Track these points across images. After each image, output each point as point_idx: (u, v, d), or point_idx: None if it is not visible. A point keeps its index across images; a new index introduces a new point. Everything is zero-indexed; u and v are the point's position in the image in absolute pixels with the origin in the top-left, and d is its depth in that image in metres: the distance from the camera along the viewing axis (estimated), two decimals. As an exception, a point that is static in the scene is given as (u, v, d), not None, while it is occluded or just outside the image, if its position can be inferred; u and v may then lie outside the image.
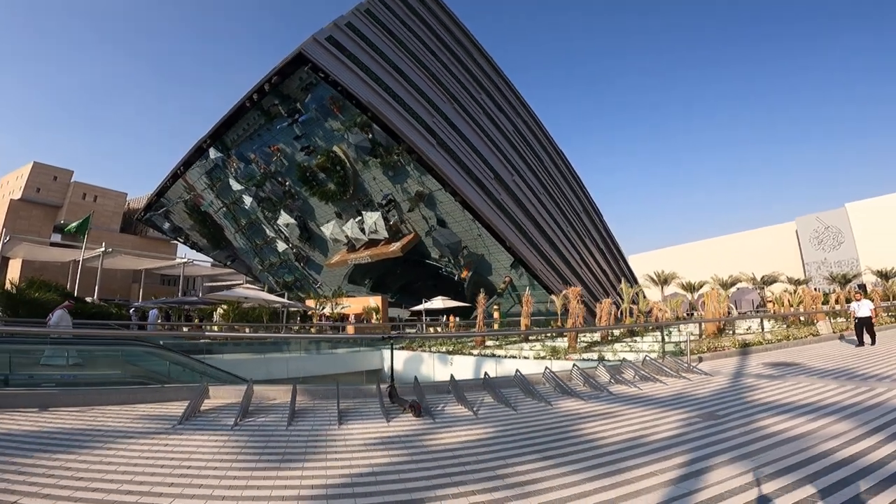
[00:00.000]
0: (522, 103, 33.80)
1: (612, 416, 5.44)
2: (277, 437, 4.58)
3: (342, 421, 5.25)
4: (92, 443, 4.19)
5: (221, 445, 4.26)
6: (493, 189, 26.30)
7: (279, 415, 5.58)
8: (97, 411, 5.52)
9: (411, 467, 3.67)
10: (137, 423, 5.04)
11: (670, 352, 10.88)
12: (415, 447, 4.25)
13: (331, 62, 22.42)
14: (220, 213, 44.49)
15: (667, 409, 5.69)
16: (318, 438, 4.56)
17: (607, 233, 41.91)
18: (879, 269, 42.52)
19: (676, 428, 4.74)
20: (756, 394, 6.52)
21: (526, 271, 28.60)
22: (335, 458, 3.89)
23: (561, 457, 3.89)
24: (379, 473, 3.52)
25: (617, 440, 4.36)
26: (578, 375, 7.81)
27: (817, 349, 12.18)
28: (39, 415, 5.30)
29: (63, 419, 5.13)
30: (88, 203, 52.39)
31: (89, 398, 5.90)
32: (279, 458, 3.89)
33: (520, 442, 4.39)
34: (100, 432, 4.61)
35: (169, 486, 3.19)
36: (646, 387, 7.39)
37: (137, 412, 5.54)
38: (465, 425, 5.12)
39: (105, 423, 5.00)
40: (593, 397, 6.65)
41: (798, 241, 59.42)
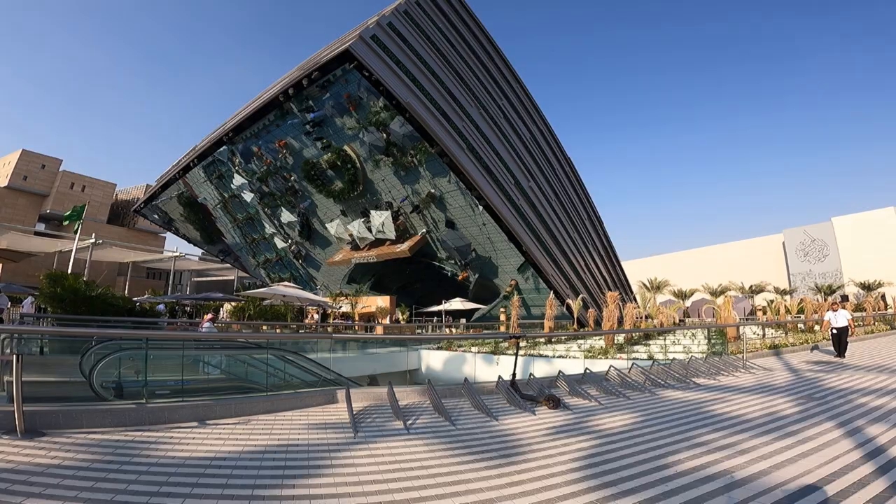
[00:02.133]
0: (536, 108, 35.12)
1: (729, 400, 6.52)
2: (463, 436, 4.94)
3: (493, 416, 5.84)
4: (311, 462, 3.91)
5: (428, 447, 4.44)
6: (514, 195, 27.43)
7: (425, 415, 5.94)
8: (260, 422, 5.40)
9: (621, 445, 4.63)
10: (313, 433, 4.96)
11: (716, 352, 12.11)
12: (590, 431, 5.19)
13: (375, 61, 23.17)
14: (217, 207, 44.38)
15: (768, 395, 6.81)
16: (494, 433, 5.04)
17: (607, 240, 43.59)
18: (862, 282, 45.49)
19: (796, 406, 5.85)
20: (827, 381, 7.73)
21: (539, 275, 29.78)
22: (540, 449, 4.48)
23: (735, 426, 4.93)
24: (597, 455, 4.30)
25: (759, 415, 5.43)
26: (652, 372, 8.89)
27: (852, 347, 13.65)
28: (210, 429, 4.99)
29: (241, 434, 4.83)
30: (76, 193, 51.35)
31: (240, 408, 5.88)
32: (495, 454, 4.23)
33: (681, 420, 5.40)
34: (298, 447, 4.37)
35: (441, 492, 3.29)
36: (724, 380, 8.53)
37: (298, 421, 5.51)
38: (608, 413, 6.13)
39: (287, 435, 4.80)
40: (690, 388, 7.73)
41: (785, 252, 62.80)
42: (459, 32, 30.50)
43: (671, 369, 9.29)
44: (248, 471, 3.66)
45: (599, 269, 40.27)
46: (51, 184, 51.18)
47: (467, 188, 25.51)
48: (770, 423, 5.13)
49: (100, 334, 8.67)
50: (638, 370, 8.67)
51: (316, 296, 22.58)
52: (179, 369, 6.81)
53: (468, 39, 31.03)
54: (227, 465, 3.76)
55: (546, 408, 6.37)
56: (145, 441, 4.39)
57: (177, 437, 4.60)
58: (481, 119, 27.99)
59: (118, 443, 4.30)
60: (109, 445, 4.18)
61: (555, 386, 7.80)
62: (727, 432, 4.78)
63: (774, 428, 4.90)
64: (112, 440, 4.37)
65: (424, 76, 25.71)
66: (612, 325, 16.64)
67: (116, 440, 4.38)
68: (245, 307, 24.89)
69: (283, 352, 7.61)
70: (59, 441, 4.25)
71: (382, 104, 28.95)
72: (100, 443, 4.25)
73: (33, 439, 4.25)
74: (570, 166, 37.46)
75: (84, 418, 4.84)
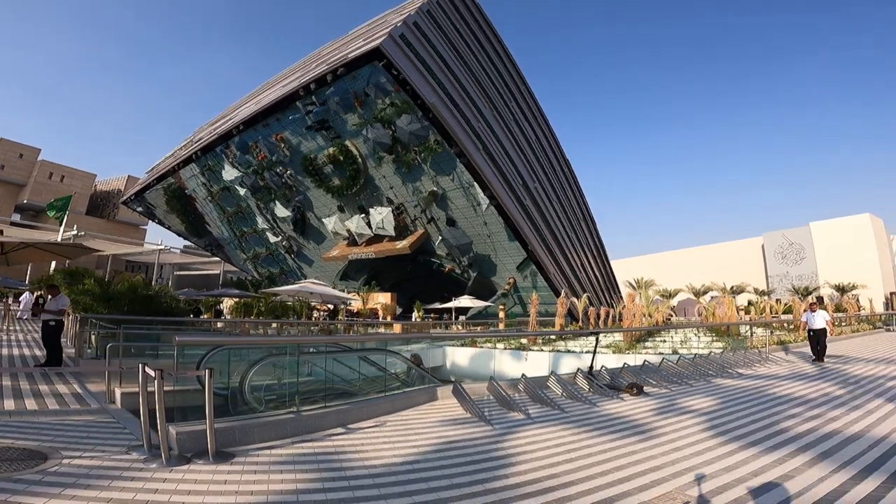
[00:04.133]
0: (540, 109, 36.39)
1: (780, 385, 7.68)
2: (580, 420, 5.75)
3: (592, 403, 6.77)
4: (491, 455, 4.15)
5: (562, 431, 5.11)
6: (522, 195, 28.59)
7: (523, 405, 7.09)
8: (393, 422, 5.56)
9: (726, 420, 5.73)
10: (456, 428, 5.25)
11: (735, 347, 13.50)
12: (689, 411, 6.27)
13: (403, 61, 23.82)
14: (206, 199, 44.13)
15: (809, 381, 8.03)
16: (605, 417, 5.99)
17: (599, 240, 45.34)
18: (836, 284, 48.78)
19: (841, 389, 7.07)
20: (851, 370, 9.08)
21: (540, 273, 31.04)
22: (659, 426, 5.49)
23: (806, 403, 6.06)
24: (715, 427, 5.38)
25: (816, 395, 6.60)
26: (694, 364, 10.11)
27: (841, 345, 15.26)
28: (361, 434, 5.04)
29: (393, 435, 4.96)
30: (55, 183, 49.88)
31: (370, 410, 6.00)
32: (627, 432, 5.03)
33: (756, 400, 6.51)
34: (459, 442, 4.59)
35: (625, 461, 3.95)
36: (760, 370, 9.80)
37: (425, 419, 5.78)
38: (688, 397, 7.25)
39: (435, 432, 5.01)
40: (736, 377, 8.92)
41: (764, 254, 66.34)
42: (473, 33, 31.44)
43: (709, 362, 10.53)
44: (443, 470, 3.82)
45: (592, 269, 42.00)
46: (28, 173, 49.46)
47: (480, 188, 26.49)
48: (830, 400, 6.32)
49: (303, 341, 8.48)
50: (686, 362, 9.87)
51: (342, 293, 23.15)
52: (282, 374, 6.68)
53: (481, 40, 32.01)
54: (421, 468, 3.88)
55: (629, 395, 7.45)
56: (327, 451, 4.36)
57: (346, 443, 4.62)
58: (494, 120, 29.05)
59: (306, 456, 4.18)
60: (303, 461, 4.05)
61: (621, 377, 8.91)
62: (804, 408, 5.93)
63: (838, 404, 6.09)
64: (298, 454, 4.26)
65: (446, 76, 26.56)
66: (631, 323, 18.00)
67: (302, 454, 4.27)
68: (254, 304, 25.24)
69: (389, 352, 8.12)
70: (254, 461, 4.00)
71: (390, 101, 29.68)
72: (294, 459, 4.11)
73: (229, 461, 3.96)
74: (567, 167, 38.99)
75: (255, 433, 4.74)
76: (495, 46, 33.49)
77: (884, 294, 49.13)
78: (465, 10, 31.20)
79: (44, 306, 9.85)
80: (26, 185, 49.02)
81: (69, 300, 10.12)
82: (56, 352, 9.20)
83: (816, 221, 60.58)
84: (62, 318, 9.61)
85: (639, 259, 76.71)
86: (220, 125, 37.21)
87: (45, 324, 9.27)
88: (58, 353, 9.23)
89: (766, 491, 3.28)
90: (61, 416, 5.67)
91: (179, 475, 3.55)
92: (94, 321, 11.20)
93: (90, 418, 5.70)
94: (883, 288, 51.60)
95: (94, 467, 3.68)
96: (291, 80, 34.92)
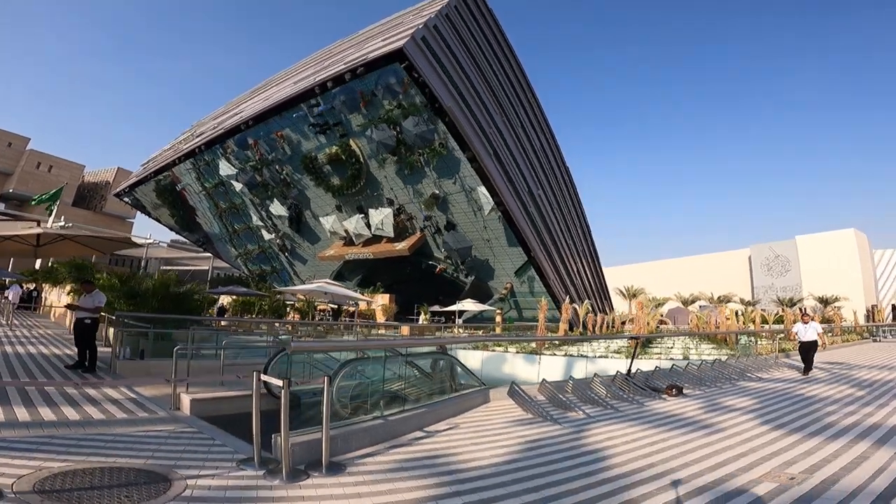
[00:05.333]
0: (544, 116, 37.31)
1: (805, 388, 8.35)
2: (636, 417, 6.69)
3: (640, 403, 7.41)
4: (589, 449, 4.81)
5: (626, 427, 6.03)
6: (527, 201, 29.32)
7: (574, 405, 7.81)
8: (470, 426, 5.79)
9: (772, 417, 6.39)
10: (534, 428, 5.57)
11: (745, 353, 14.33)
12: (735, 409, 6.93)
13: (423, 63, 24.24)
14: (199, 194, 43.86)
15: (827, 384, 8.75)
16: (658, 414, 6.86)
17: (594, 248, 46.42)
18: (820, 296, 50.82)
19: (860, 390, 7.81)
20: (860, 374, 9.90)
21: (540, 279, 31.77)
22: (717, 421, 6.24)
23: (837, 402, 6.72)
24: (769, 422, 6.02)
25: (842, 395, 7.28)
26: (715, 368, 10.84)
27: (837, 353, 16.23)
28: (444, 436, 5.19)
29: (476, 436, 5.20)
30: (42, 173, 48.95)
31: (440, 413, 6.19)
32: (689, 428, 6.05)
33: (791, 400, 7.19)
34: (552, 442, 4.90)
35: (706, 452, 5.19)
36: (777, 374, 10.57)
37: (494, 420, 6.11)
38: (726, 397, 7.93)
39: (519, 433, 5.24)
40: (761, 381, 9.65)
41: (750, 266, 68.58)
42: (486, 37, 32.10)
43: (726, 367, 11.26)
44: (545, 466, 4.07)
45: (587, 276, 43.00)
46: (16, 162, 48.40)
47: (489, 193, 27.10)
48: (856, 399, 7.04)
49: (392, 344, 8.19)
50: (707, 367, 10.58)
51: (354, 293, 23.43)
52: (364, 378, 6.53)
53: (492, 45, 32.70)
54: (521, 466, 4.10)
55: (669, 395, 8.08)
56: (427, 456, 4.48)
57: (437, 447, 4.77)
58: (504, 126, 29.75)
59: (411, 462, 4.27)
60: (411, 466, 4.14)
61: (654, 379, 9.56)
62: (838, 405, 6.62)
63: (866, 402, 6.81)
64: (403, 460, 4.33)
65: (461, 80, 27.09)
66: (640, 330, 18.81)
67: (405, 459, 4.36)
68: (256, 302, 25.42)
69: (444, 355, 8.29)
70: (367, 470, 4.03)
71: (398, 103, 30.12)
72: (401, 465, 4.18)
73: (344, 472, 3.94)
74: (567, 174, 39.97)
75: (353, 440, 4.73)
76: (505, 51, 34.23)
77: (865, 306, 51.31)
78: (478, 13, 31.86)
79: (77, 302, 9.34)
80: (13, 174, 48.03)
81: (105, 297, 9.50)
82: (91, 352, 8.76)
83: (802, 235, 63.13)
84: (97, 315, 9.11)
85: (628, 267, 78.38)
86: (226, 119, 37.13)
87: (79, 322, 8.76)
88: (92, 354, 8.77)
89: (851, 469, 3.88)
90: (139, 427, 5.36)
91: (311, 491, 3.51)
92: (124, 320, 10.78)
93: (169, 428, 5.37)
94: (864, 300, 53.90)
95: (222, 488, 3.53)
96: (303, 76, 35.04)
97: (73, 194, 53.90)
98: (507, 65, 34.05)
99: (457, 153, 28.88)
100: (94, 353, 8.82)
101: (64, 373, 8.39)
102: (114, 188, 49.54)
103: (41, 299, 25.98)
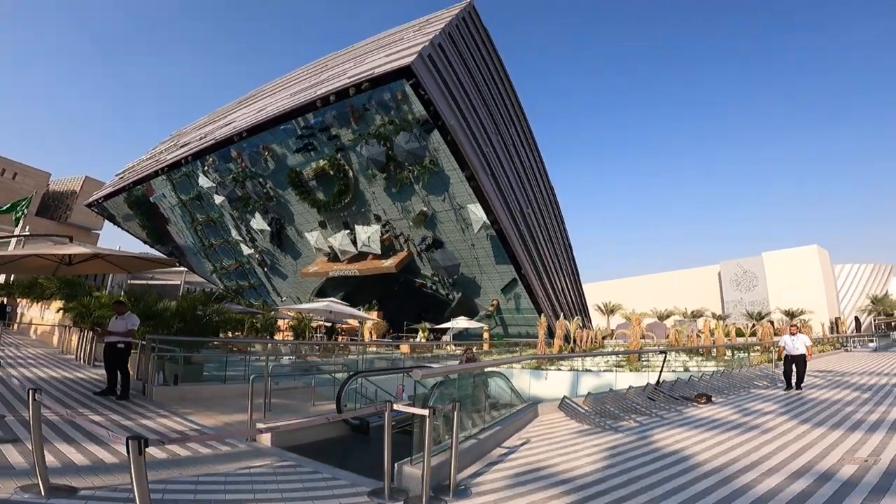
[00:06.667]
0: (531, 133, 38.78)
1: (815, 393, 9.42)
2: (681, 422, 7.55)
3: (678, 410, 8.34)
4: (666, 451, 6.20)
5: (676, 432, 7.19)
6: (518, 219, 30.32)
7: (619, 416, 8.64)
8: (539, 437, 6.26)
9: (806, 418, 7.29)
10: (596, 438, 6.18)
11: (741, 365, 15.46)
12: (766, 412, 7.83)
13: (429, 81, 24.93)
14: (175, 207, 43.05)
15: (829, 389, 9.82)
16: (699, 419, 7.73)
17: (575, 265, 47.94)
18: (786, 310, 53.93)
19: (864, 393, 8.82)
20: (857, 379, 11.01)
21: (529, 297, 32.70)
22: (760, 422, 7.15)
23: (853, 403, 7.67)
24: (806, 421, 6.91)
25: (851, 398, 8.26)
26: (722, 379, 11.82)
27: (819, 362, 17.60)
28: (521, 452, 5.39)
29: (572, 451, 5.42)
30: (6, 181, 46.79)
31: (509, 429, 6.58)
32: (737, 430, 6.93)
33: (810, 405, 8.13)
34: (635, 447, 6.07)
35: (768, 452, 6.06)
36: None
37: (560, 432, 6.60)
38: (753, 402, 8.83)
39: (593, 443, 5.76)
40: (773, 387, 10.64)
41: (720, 281, 72.03)
42: (483, 57, 33.24)
43: (733, 377, 12.25)
44: (644, 468, 5.03)
45: (569, 293, 44.34)
46: (-22, 169, 46.19)
47: (485, 211, 27.90)
48: (867, 401, 8.01)
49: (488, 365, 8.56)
50: (718, 377, 11.54)
51: (358, 311, 23.55)
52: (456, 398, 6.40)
53: (488, 64, 33.87)
54: (622, 469, 4.51)
55: (699, 403, 8.90)
56: (529, 469, 4.76)
57: (531, 460, 5.07)
58: (498, 144, 30.81)
59: (520, 477, 4.54)
60: (526, 481, 4.42)
61: (676, 389, 10.40)
62: (855, 405, 7.57)
63: (878, 402, 7.83)
64: (511, 476, 4.61)
65: (462, 99, 27.91)
66: (637, 345, 19.88)
67: (514, 475, 4.62)
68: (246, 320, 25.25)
69: (502, 374, 8.83)
70: (488, 490, 4.25)
71: (389, 119, 30.72)
72: (515, 482, 4.46)
73: (469, 496, 4.11)
74: (552, 193, 41.44)
75: (459, 461, 4.67)
76: (499, 70, 35.49)
77: (829, 319, 54.73)
78: (475, 32, 32.99)
79: (109, 325, 8.88)
80: (-26, 181, 45.85)
81: (138, 319, 9.14)
82: (124, 378, 8.44)
83: (769, 251, 67.15)
84: (130, 339, 8.73)
85: (604, 284, 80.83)
86: (216, 130, 36.75)
87: (111, 346, 8.44)
88: (125, 381, 8.44)
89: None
90: (236, 464, 5.06)
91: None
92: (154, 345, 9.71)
93: (266, 462, 5.19)
94: (828, 313, 57.46)
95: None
96: (300, 89, 35.17)
97: (38, 203, 51.83)
98: (501, 83, 35.35)
99: (447, 170, 29.69)
100: (127, 379, 8.56)
101: (96, 400, 7.92)
102: (81, 198, 47.97)
103: (14, 315, 25.02)
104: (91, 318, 15.52)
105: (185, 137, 40.59)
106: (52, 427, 5.68)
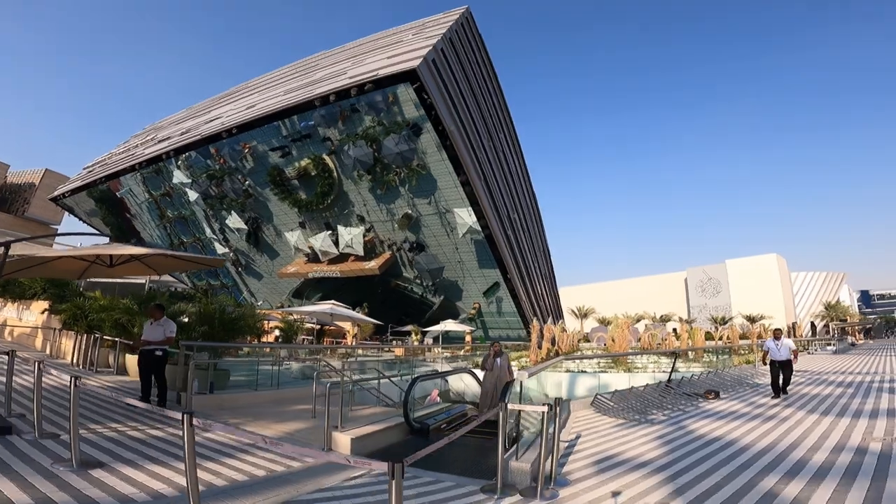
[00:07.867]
0: (517, 139, 40.03)
1: (809, 386, 10.68)
2: (700, 416, 8.61)
3: (695, 404, 9.41)
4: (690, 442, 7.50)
5: (696, 424, 8.20)
6: (506, 224, 31.35)
7: (641, 410, 9.67)
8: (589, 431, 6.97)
9: (810, 409, 8.42)
10: (640, 429, 7.85)
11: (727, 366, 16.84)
12: (775, 404, 8.95)
13: (432, 86, 25.43)
14: (144, 203, 41.91)
15: (831, 385, 11.10)
16: (714, 413, 8.74)
17: (552, 270, 49.54)
18: (748, 315, 57.44)
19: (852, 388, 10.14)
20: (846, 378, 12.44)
21: (513, 300, 33.77)
22: (773, 413, 8.27)
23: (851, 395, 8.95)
24: (815, 409, 8.06)
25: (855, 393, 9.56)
26: (720, 377, 13.04)
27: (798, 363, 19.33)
28: (584, 447, 6.48)
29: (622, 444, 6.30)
30: None
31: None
32: (753, 421, 8.02)
33: (811, 399, 9.34)
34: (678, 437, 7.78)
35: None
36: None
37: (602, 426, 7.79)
38: (760, 396, 9.97)
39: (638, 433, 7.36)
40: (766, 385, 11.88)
41: (686, 287, 75.71)
42: (478, 63, 34.11)
43: (724, 376, 13.48)
44: (697, 453, 6.10)
45: (546, 297, 45.83)
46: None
47: (476, 216, 28.72)
48: (855, 394, 9.25)
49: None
50: (712, 376, 12.73)
51: (357, 314, 23.70)
52: None
53: (482, 70, 34.77)
54: (680, 455, 5.69)
55: (709, 398, 9.97)
56: (601, 458, 5.32)
57: (596, 450, 5.82)
58: (490, 150, 31.74)
59: (603, 464, 5.14)
60: (607, 467, 4.93)
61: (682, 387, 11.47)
62: (848, 398, 8.73)
63: (864, 395, 8.99)
64: (590, 464, 5.15)
65: (460, 104, 28.59)
66: (625, 348, 21.14)
67: (591, 463, 5.18)
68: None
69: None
70: (585, 478, 4.74)
71: (379, 121, 31.11)
72: (600, 468, 4.99)
73: (571, 484, 4.62)
74: (534, 200, 42.84)
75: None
76: (491, 76, 36.51)
77: (786, 323, 58.62)
78: (472, 38, 33.81)
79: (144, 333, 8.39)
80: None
81: (175, 325, 8.70)
82: (161, 387, 8.26)
83: (731, 259, 71.28)
84: (168, 346, 8.45)
85: (576, 288, 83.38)
86: (200, 125, 36.06)
87: (148, 353, 8.16)
88: (162, 390, 8.26)
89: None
90: (334, 476, 4.93)
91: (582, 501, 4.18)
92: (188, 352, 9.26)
93: (362, 472, 5.06)
94: (785, 318, 61.49)
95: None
96: (294, 86, 34.97)
97: (-9, 196, 49.26)
98: (492, 90, 36.38)
99: (435, 174, 30.37)
100: (164, 388, 8.33)
101: (135, 410, 7.50)
102: (41, 191, 45.83)
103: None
104: (87, 320, 15.06)
105: (162, 132, 39.65)
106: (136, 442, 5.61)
